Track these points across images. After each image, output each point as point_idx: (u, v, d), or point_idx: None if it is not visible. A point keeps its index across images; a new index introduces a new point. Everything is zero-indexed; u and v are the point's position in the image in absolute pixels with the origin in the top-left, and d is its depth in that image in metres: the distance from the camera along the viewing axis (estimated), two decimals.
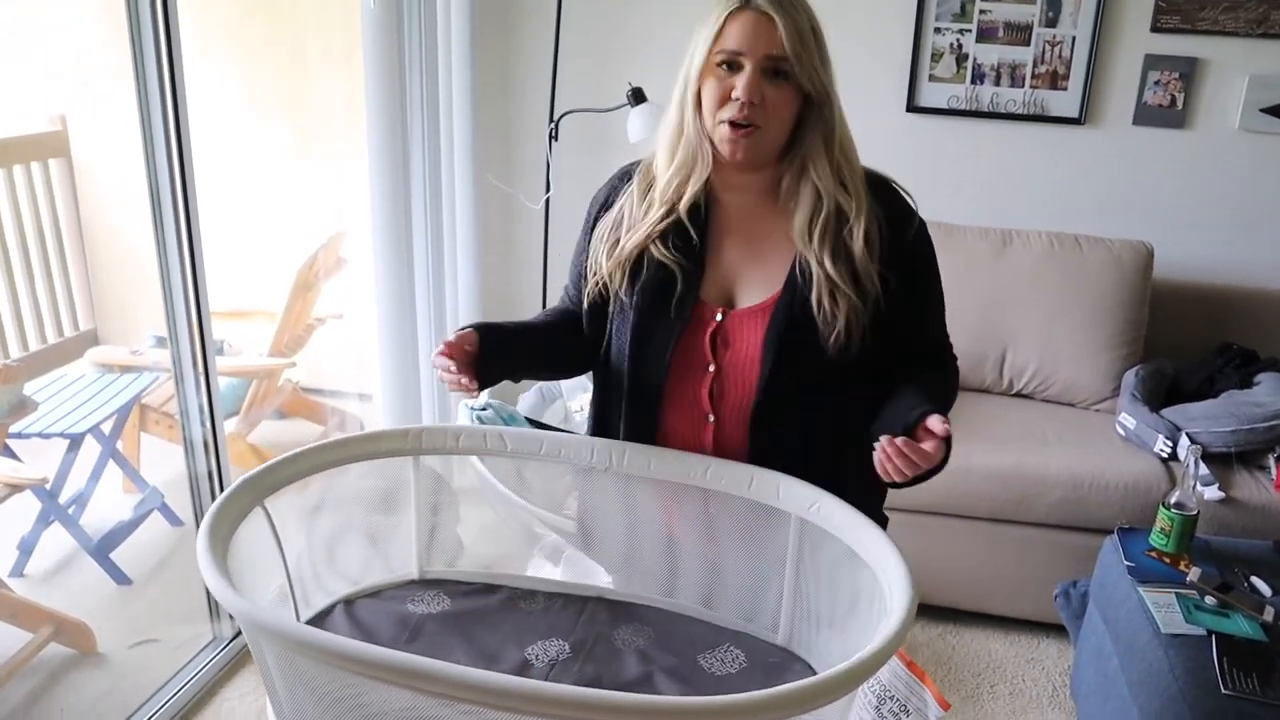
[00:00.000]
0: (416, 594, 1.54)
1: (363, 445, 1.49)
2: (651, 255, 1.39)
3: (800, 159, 1.34)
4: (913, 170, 3.22)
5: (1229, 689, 1.77)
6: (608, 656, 1.40)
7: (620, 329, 1.43)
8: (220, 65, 3.63)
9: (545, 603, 1.52)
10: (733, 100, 1.29)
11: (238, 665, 2.43)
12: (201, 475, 2.36)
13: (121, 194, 3.47)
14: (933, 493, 2.62)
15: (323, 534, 1.52)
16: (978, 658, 2.61)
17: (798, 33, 1.28)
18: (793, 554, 1.40)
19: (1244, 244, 3.16)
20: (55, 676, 2.36)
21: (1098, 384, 2.93)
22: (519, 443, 1.53)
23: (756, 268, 1.39)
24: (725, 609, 1.49)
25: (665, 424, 1.45)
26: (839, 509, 1.32)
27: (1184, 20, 2.99)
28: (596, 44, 3.35)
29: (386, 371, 2.94)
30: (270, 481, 1.36)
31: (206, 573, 1.12)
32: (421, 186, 2.93)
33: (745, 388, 1.37)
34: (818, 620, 1.39)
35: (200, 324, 2.24)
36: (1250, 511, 2.49)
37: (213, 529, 1.20)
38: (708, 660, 1.41)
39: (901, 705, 1.10)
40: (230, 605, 1.09)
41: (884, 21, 3.17)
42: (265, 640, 1.12)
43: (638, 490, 1.49)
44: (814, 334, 1.33)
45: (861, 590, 1.26)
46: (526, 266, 3.60)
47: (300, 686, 1.11)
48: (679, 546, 1.51)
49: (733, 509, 1.43)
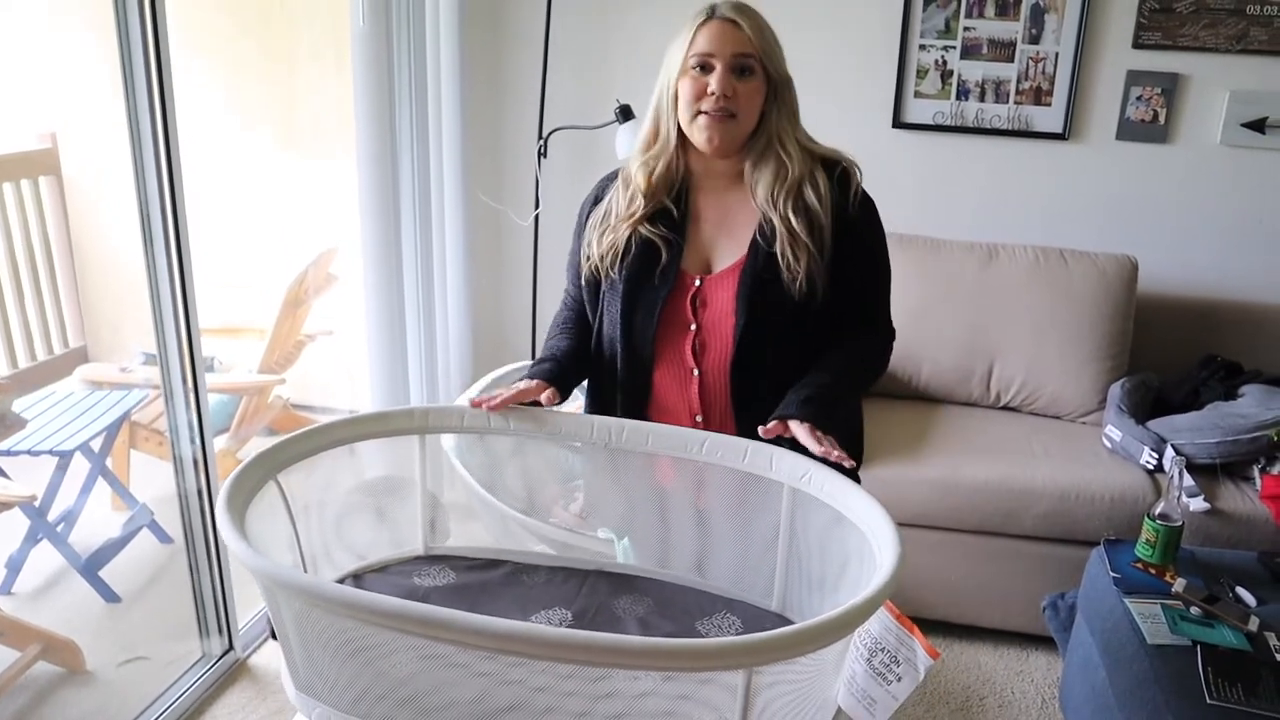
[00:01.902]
0: (422, 569, 1.59)
1: (371, 424, 1.58)
2: (639, 235, 1.58)
3: (765, 140, 1.55)
4: (899, 186, 3.30)
5: (1214, 699, 1.78)
6: (609, 624, 1.46)
7: (612, 302, 1.61)
8: (211, 82, 3.64)
9: (548, 575, 1.58)
10: (708, 95, 1.49)
11: (227, 682, 2.43)
12: (191, 492, 2.36)
13: (111, 211, 3.47)
14: (919, 505, 2.65)
15: (332, 511, 1.57)
16: (967, 670, 2.62)
17: (759, 30, 1.51)
18: (785, 522, 1.46)
19: (1227, 257, 3.19)
20: (43, 695, 2.35)
21: (1084, 397, 2.95)
22: (521, 420, 1.58)
23: (728, 238, 1.59)
24: (721, 578, 1.56)
25: (655, 383, 1.61)
26: (829, 478, 1.38)
27: (1165, 37, 3.03)
28: (585, 61, 3.38)
29: (376, 388, 2.95)
30: (283, 456, 1.42)
31: (227, 536, 1.17)
32: (411, 203, 2.94)
33: (723, 341, 1.56)
34: (810, 584, 1.45)
35: (190, 341, 2.25)
36: (1235, 522, 2.51)
37: (230, 498, 1.25)
38: (705, 626, 1.47)
39: (892, 656, 1.14)
40: (251, 564, 1.13)
41: (869, 38, 3.20)
42: (284, 597, 1.16)
43: (635, 465, 1.57)
44: (779, 286, 1.52)
45: (851, 553, 1.32)
46: (516, 283, 3.62)
47: (316, 644, 1.16)
48: (676, 518, 1.57)
49: (727, 481, 1.50)
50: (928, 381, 3.06)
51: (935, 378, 3.05)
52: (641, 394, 1.62)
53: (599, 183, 1.71)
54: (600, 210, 1.64)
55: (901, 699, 1.13)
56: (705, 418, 1.61)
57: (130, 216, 2.14)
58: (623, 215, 1.60)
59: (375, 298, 2.85)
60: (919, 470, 2.62)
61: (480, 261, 3.50)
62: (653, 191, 1.58)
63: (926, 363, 3.04)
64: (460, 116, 3.16)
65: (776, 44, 1.55)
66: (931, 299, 3.04)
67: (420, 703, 1.13)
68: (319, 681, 1.19)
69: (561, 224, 1.75)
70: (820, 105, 1.80)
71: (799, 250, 1.51)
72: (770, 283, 1.53)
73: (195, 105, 2.60)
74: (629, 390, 1.63)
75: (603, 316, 1.64)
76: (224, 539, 1.17)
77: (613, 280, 1.60)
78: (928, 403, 3.06)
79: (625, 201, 1.61)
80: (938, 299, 3.04)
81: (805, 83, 1.61)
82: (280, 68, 3.76)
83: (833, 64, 3.24)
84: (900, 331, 1.74)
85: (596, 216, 1.64)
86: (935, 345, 3.02)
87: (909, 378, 3.05)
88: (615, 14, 3.32)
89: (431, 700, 1.13)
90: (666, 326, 1.58)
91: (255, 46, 3.77)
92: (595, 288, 1.65)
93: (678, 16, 1.57)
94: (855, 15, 3.19)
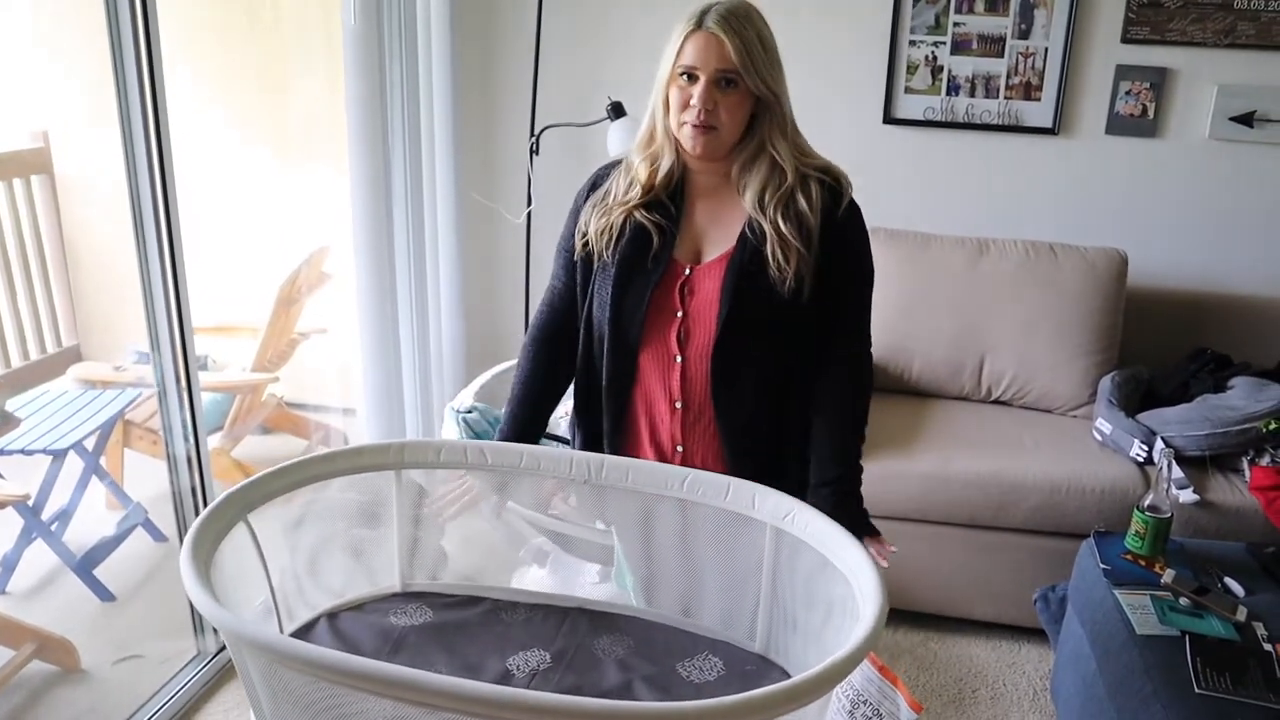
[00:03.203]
0: (399, 606, 1.54)
1: (345, 460, 1.51)
2: (634, 221, 1.62)
3: (754, 147, 1.58)
4: (890, 181, 3.31)
5: (1202, 688, 1.79)
6: (588, 666, 1.41)
7: (603, 285, 1.64)
8: (202, 80, 3.64)
9: (527, 614, 1.54)
10: (691, 106, 1.53)
11: (222, 681, 2.43)
12: (185, 491, 2.37)
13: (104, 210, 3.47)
14: (911, 499, 2.66)
15: (305, 548, 1.52)
16: (959, 663, 2.63)
17: (745, 47, 1.50)
18: (769, 563, 1.42)
19: (1216, 250, 3.21)
20: (38, 694, 2.36)
21: (1074, 390, 2.97)
22: (499, 457, 1.56)
23: (718, 230, 1.63)
24: (704, 618, 1.52)
25: (640, 368, 1.65)
26: (813, 518, 1.35)
27: (1153, 31, 3.04)
28: (576, 59, 3.38)
29: (370, 386, 2.95)
30: (253, 496, 1.37)
31: (190, 587, 1.13)
32: (403, 201, 2.95)
33: (707, 329, 1.59)
34: (794, 628, 1.41)
35: (183, 339, 2.25)
36: (1224, 514, 2.53)
37: (196, 544, 1.20)
38: (686, 668, 1.42)
39: (874, 709, 1.12)
40: (214, 618, 1.10)
41: (860, 34, 3.21)
42: (249, 653, 1.13)
43: (615, 501, 1.52)
44: (764, 280, 1.55)
45: (835, 598, 1.28)
46: (509, 280, 3.62)
47: (285, 700, 1.11)
48: (659, 555, 1.54)
49: (709, 520, 1.46)
50: (919, 376, 3.07)
51: (926, 372, 3.06)
52: (626, 379, 1.65)
53: (598, 170, 1.74)
54: (599, 193, 1.68)
55: None
56: (684, 404, 1.63)
57: (123, 214, 2.14)
58: (620, 199, 1.63)
59: (368, 295, 2.86)
60: (911, 464, 2.63)
61: (472, 258, 3.50)
62: (652, 186, 1.62)
63: (917, 357, 3.05)
64: (452, 114, 3.16)
65: (766, 58, 1.53)
66: (922, 294, 3.05)
67: None
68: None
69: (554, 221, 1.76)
70: (811, 101, 1.81)
71: (789, 252, 1.53)
72: (756, 275, 1.56)
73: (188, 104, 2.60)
74: (613, 374, 1.65)
75: (592, 299, 1.67)
76: (187, 590, 1.13)
77: (605, 262, 1.63)
78: (919, 397, 3.08)
79: (625, 187, 1.64)
80: (928, 294, 3.05)
81: (796, 79, 1.62)
82: (271, 66, 3.76)
83: (823, 60, 3.24)
84: (891, 326, 1.76)
85: (596, 198, 1.68)
86: (926, 340, 3.03)
87: (900, 372, 3.06)
88: (607, 12, 3.33)
89: None
90: (654, 312, 1.61)
91: (246, 45, 3.76)
92: (586, 269, 1.67)
93: (669, 14, 1.57)
94: (845, 11, 3.20)
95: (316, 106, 3.65)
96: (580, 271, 1.69)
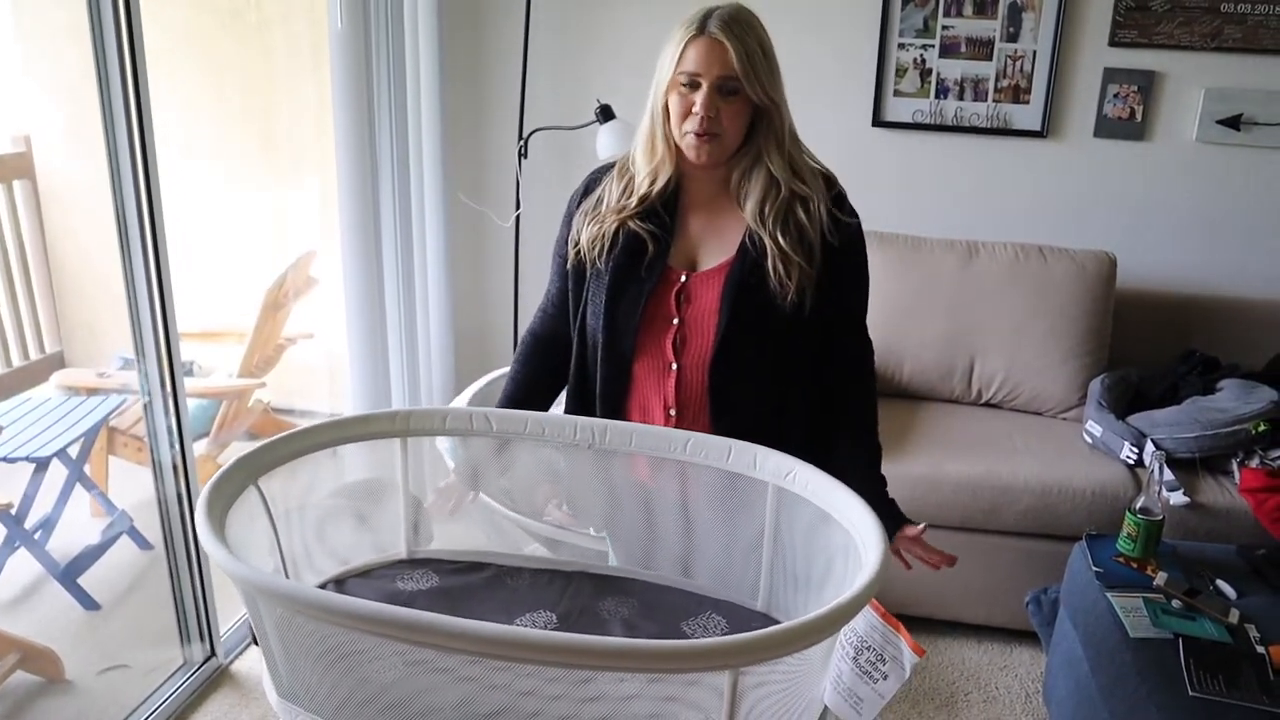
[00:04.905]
0: (405, 572, 1.57)
1: (353, 427, 1.55)
2: (628, 229, 1.60)
3: (753, 156, 1.56)
4: (879, 184, 3.31)
5: (1196, 690, 1.79)
6: (593, 625, 1.45)
7: (596, 293, 1.62)
8: (187, 84, 3.62)
9: (532, 578, 1.57)
10: (694, 114, 1.50)
11: (208, 690, 2.41)
12: (171, 498, 2.34)
13: (88, 215, 3.44)
14: (903, 502, 2.63)
15: (313, 515, 1.55)
16: (951, 666, 2.63)
17: (747, 54, 1.48)
18: (770, 521, 1.45)
19: (1204, 252, 3.22)
20: (21, 705, 2.33)
21: (1064, 393, 2.97)
22: (503, 423, 1.58)
23: (715, 239, 1.61)
24: (706, 578, 1.55)
25: (634, 376, 1.63)
26: (813, 475, 1.38)
27: (1141, 34, 3.05)
28: (565, 62, 3.37)
29: (358, 391, 2.93)
30: (263, 461, 1.40)
31: (206, 542, 1.15)
32: (391, 205, 2.93)
33: (704, 338, 1.58)
34: (795, 584, 1.44)
35: (169, 345, 2.23)
36: (1215, 516, 2.53)
37: (209, 505, 1.23)
38: (690, 626, 1.46)
39: (878, 654, 1.14)
40: (231, 571, 1.11)
41: (849, 37, 3.21)
42: (265, 603, 1.15)
43: (619, 465, 1.56)
44: (763, 291, 1.54)
45: (836, 551, 1.31)
46: (498, 283, 3.61)
47: (299, 652, 1.14)
48: (660, 519, 1.57)
49: (711, 481, 1.49)
50: (909, 379, 3.07)
51: (916, 375, 3.06)
52: (620, 386, 1.64)
53: (590, 174, 1.71)
54: (591, 199, 1.66)
55: (888, 697, 1.14)
56: (679, 414, 1.62)
57: (107, 219, 2.12)
58: (613, 207, 1.61)
59: (356, 300, 2.84)
60: (902, 467, 2.63)
61: (461, 262, 3.49)
62: (650, 195, 1.60)
63: (908, 360, 3.05)
64: (440, 117, 3.15)
65: (766, 65, 1.52)
66: (912, 297, 3.05)
67: (404, 709, 1.12)
68: (301, 688, 1.18)
69: (543, 225, 1.75)
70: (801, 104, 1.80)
71: (790, 267, 1.52)
72: (756, 287, 1.54)
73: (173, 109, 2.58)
74: (607, 381, 1.64)
75: (586, 307, 1.65)
76: (203, 546, 1.16)
77: (598, 270, 1.61)
78: (909, 400, 3.07)
79: (618, 194, 1.62)
80: (918, 297, 3.05)
81: (785, 82, 1.61)
82: (258, 69, 3.73)
83: (813, 63, 3.24)
84: (882, 330, 1.75)
85: (588, 204, 1.65)
86: (916, 343, 3.03)
87: (891, 375, 3.06)
88: (595, 14, 3.32)
89: (415, 706, 1.12)
90: (649, 320, 1.60)
91: (231, 48, 3.74)
92: (579, 276, 1.66)
93: (659, 17, 1.57)
94: (835, 14, 3.20)
95: (303, 110, 3.63)
96: (573, 279, 1.67)
